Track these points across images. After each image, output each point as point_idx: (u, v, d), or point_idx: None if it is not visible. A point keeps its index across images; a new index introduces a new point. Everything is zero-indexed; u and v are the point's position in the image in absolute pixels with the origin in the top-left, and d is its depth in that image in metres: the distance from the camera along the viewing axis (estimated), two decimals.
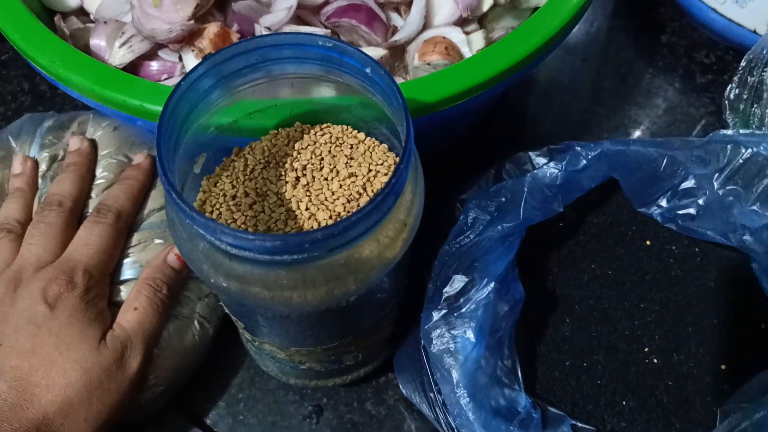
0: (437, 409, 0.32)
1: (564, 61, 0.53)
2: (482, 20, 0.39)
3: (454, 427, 0.29)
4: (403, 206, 0.25)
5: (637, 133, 0.49)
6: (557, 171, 0.31)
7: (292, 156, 0.29)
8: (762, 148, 0.32)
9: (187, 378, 0.36)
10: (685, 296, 0.33)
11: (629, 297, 0.34)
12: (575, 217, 0.36)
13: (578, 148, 0.31)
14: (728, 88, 0.41)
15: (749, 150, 0.32)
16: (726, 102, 0.42)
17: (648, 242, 0.35)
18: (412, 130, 0.23)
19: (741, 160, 0.33)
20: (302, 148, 0.29)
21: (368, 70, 0.25)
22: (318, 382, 0.37)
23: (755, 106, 0.40)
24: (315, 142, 0.29)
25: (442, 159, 0.42)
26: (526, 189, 0.30)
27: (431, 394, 0.32)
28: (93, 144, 0.38)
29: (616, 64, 0.53)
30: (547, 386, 0.32)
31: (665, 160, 0.32)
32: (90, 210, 0.36)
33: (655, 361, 0.32)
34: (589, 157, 0.31)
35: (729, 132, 0.33)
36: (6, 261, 0.33)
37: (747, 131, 0.33)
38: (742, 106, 0.41)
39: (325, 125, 0.30)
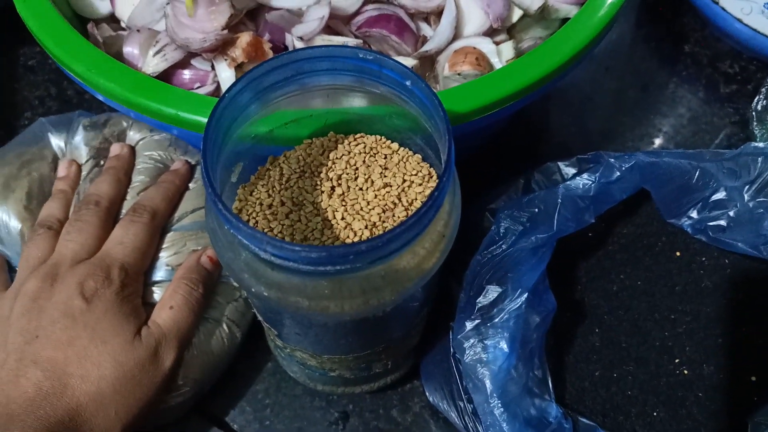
0: (466, 417, 0.32)
1: (586, 71, 0.53)
2: (511, 30, 0.40)
3: None
4: (442, 218, 0.25)
5: (659, 143, 0.49)
6: (591, 182, 0.31)
7: (327, 165, 0.29)
8: None
9: (213, 382, 0.37)
10: (714, 308, 0.33)
11: (659, 308, 0.34)
12: (604, 228, 0.36)
13: (612, 160, 0.31)
14: (756, 100, 0.41)
15: None
16: (753, 114, 0.41)
17: (678, 253, 0.35)
18: (453, 143, 0.23)
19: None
20: (337, 158, 0.29)
21: (408, 83, 0.25)
22: (345, 389, 0.37)
23: None
24: (349, 152, 0.29)
25: (465, 168, 0.43)
26: (559, 200, 0.30)
27: (461, 403, 0.32)
28: (132, 150, 0.39)
29: (638, 73, 0.53)
30: (577, 397, 0.32)
31: (697, 172, 0.32)
32: (125, 211, 0.36)
33: (685, 372, 0.32)
34: (623, 168, 0.31)
35: (761, 144, 0.33)
36: (44, 257, 0.34)
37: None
38: (765, 116, 0.41)
39: (359, 135, 0.30)
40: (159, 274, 0.36)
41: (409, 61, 0.37)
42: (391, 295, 0.25)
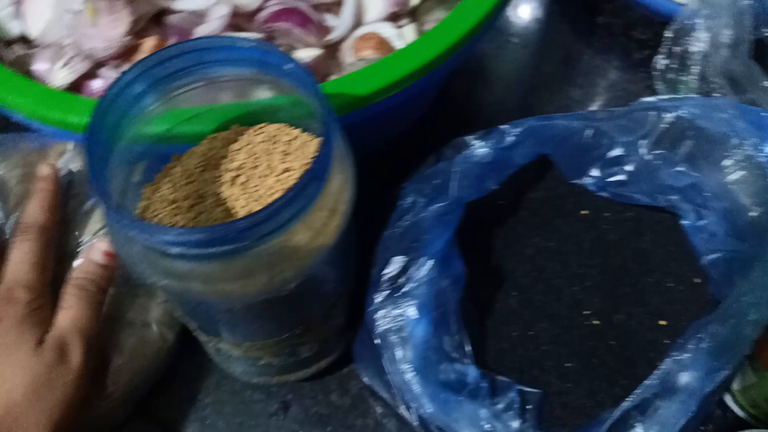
0: (393, 390, 0.33)
1: (505, 49, 0.55)
2: (414, 13, 0.41)
3: (406, 403, 0.31)
4: (332, 193, 0.26)
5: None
6: (486, 149, 0.32)
7: (228, 158, 0.30)
8: (682, 111, 0.34)
9: (149, 385, 0.37)
10: (621, 259, 0.35)
11: (570, 265, 0.35)
12: (514, 195, 0.37)
13: (504, 127, 0.32)
14: (656, 59, 0.43)
15: (671, 114, 0.34)
16: (655, 73, 0.43)
17: (585, 212, 0.36)
18: (334, 120, 0.24)
19: (664, 125, 0.34)
20: (238, 150, 0.30)
21: (288, 67, 0.26)
22: (280, 378, 0.38)
23: (682, 74, 0.42)
24: (250, 143, 0.30)
25: (391, 151, 0.44)
26: (457, 169, 0.31)
27: (386, 377, 0.33)
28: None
29: (555, 47, 0.55)
30: (496, 357, 0.33)
31: (591, 132, 0.34)
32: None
33: (596, 323, 0.33)
34: (515, 134, 0.32)
35: (650, 99, 0.34)
36: None
37: (667, 96, 0.34)
38: (671, 76, 0.43)
39: (261, 125, 0.31)
40: None
41: (315, 51, 0.38)
42: (291, 272, 0.26)
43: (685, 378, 0.29)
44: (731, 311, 0.27)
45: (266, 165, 0.29)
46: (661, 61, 0.43)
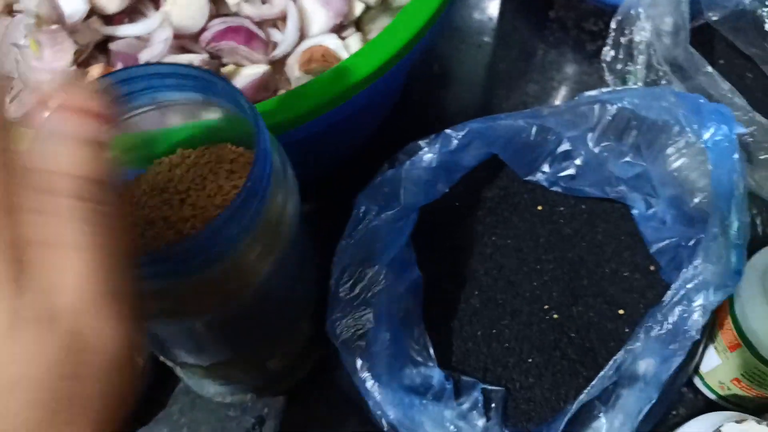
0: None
1: (459, 50, 0.55)
2: (359, 23, 0.41)
3: (372, 410, 0.31)
4: (275, 208, 0.26)
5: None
6: (432, 154, 0.32)
7: (175, 181, 0.30)
8: (625, 102, 0.34)
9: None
10: (577, 252, 0.35)
11: (528, 261, 0.36)
12: (469, 196, 0.37)
13: (448, 131, 0.33)
14: (604, 51, 0.44)
15: (614, 106, 0.34)
16: (604, 64, 0.44)
17: (539, 207, 0.37)
18: (264, 136, 0.25)
19: (608, 117, 0.35)
20: (185, 172, 0.30)
21: (218, 86, 0.27)
22: (254, 395, 0.38)
23: (629, 65, 0.42)
24: (196, 164, 0.30)
25: (356, 158, 0.44)
26: (403, 176, 0.32)
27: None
28: None
29: (511, 44, 0.55)
30: (461, 358, 0.34)
31: (536, 129, 0.34)
32: None
33: (555, 316, 0.34)
34: (459, 137, 0.32)
35: (593, 92, 0.35)
36: None
37: (609, 89, 0.35)
38: (619, 67, 0.43)
39: (205, 146, 0.31)
40: None
41: (261, 68, 0.38)
42: (242, 288, 0.26)
43: (642, 366, 0.29)
44: (678, 298, 0.27)
45: (213, 185, 0.29)
46: (608, 53, 0.43)
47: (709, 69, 0.38)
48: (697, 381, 0.38)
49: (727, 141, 0.28)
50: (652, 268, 0.34)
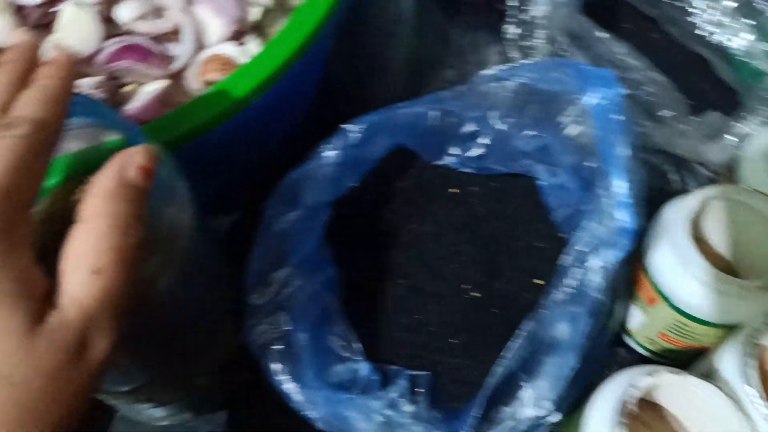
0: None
1: (377, 41, 0.55)
2: (260, 27, 0.41)
3: (302, 411, 0.31)
4: (163, 226, 0.26)
5: None
6: (334, 151, 0.32)
7: (72, 210, 0.30)
8: (521, 77, 0.35)
9: None
10: (492, 229, 0.36)
11: (446, 245, 0.36)
12: (382, 187, 0.38)
13: (346, 126, 0.33)
14: (506, 28, 0.44)
15: (512, 82, 0.35)
16: (508, 42, 0.44)
17: (453, 190, 0.37)
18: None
19: (508, 93, 0.35)
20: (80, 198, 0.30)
21: (96, 109, 0.26)
22: (192, 414, 0.37)
23: (531, 40, 0.43)
24: None
25: (275, 168, 0.44)
26: (306, 176, 0.32)
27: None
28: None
29: (425, 32, 0.55)
30: (389, 348, 0.34)
31: (437, 113, 0.34)
32: None
33: (476, 295, 0.34)
34: (358, 131, 0.33)
35: (490, 71, 0.35)
36: None
37: (505, 66, 0.35)
38: (522, 43, 0.44)
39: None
40: None
41: (160, 83, 0.37)
42: (136, 308, 0.26)
43: (557, 332, 0.30)
44: (572, 260, 0.28)
45: None
46: (511, 30, 0.44)
47: (603, 35, 0.39)
48: (628, 340, 0.39)
49: (610, 103, 0.28)
50: (561, 235, 0.35)
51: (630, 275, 0.36)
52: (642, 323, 0.37)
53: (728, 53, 0.44)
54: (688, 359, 0.37)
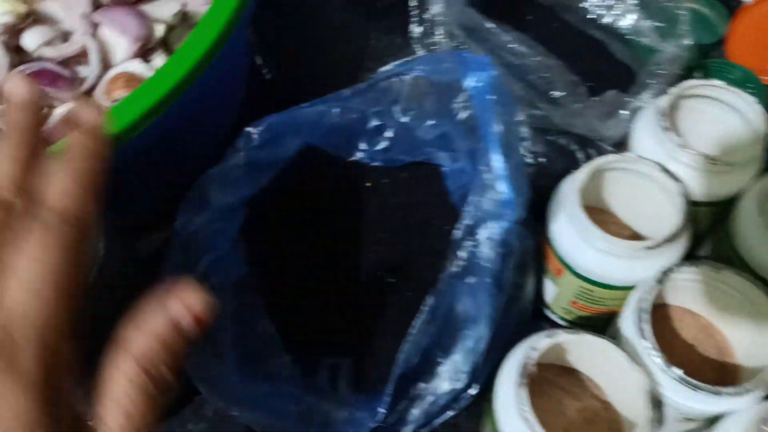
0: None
1: (295, 48, 0.56)
2: (167, 44, 0.42)
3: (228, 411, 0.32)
4: None
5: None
6: (238, 153, 0.34)
7: None
8: (417, 71, 0.37)
9: None
10: (404, 217, 0.37)
11: (363, 235, 0.37)
12: (298, 185, 0.39)
13: (248, 129, 0.34)
14: (411, 27, 0.46)
15: (409, 76, 0.37)
16: (414, 42, 0.46)
17: (368, 183, 0.39)
18: None
19: (407, 87, 0.37)
20: None
21: None
22: None
23: (433, 37, 0.45)
24: None
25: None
26: (211, 180, 0.33)
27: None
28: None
29: (344, 37, 0.56)
30: (310, 338, 0.35)
31: (338, 110, 0.36)
32: None
33: (392, 281, 0.36)
34: (258, 133, 0.34)
35: (387, 67, 0.37)
36: None
37: (401, 61, 0.37)
38: (427, 41, 0.46)
39: None
40: None
41: (70, 105, 0.38)
42: None
43: (461, 305, 0.31)
44: (462, 234, 0.29)
45: None
46: (415, 30, 0.46)
47: (491, 26, 0.41)
48: (548, 312, 0.40)
49: (485, 85, 0.30)
50: None
51: (538, 249, 0.38)
52: (555, 294, 0.39)
53: (620, 33, 0.47)
54: (603, 324, 0.39)
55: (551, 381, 0.35)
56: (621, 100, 0.42)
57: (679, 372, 0.29)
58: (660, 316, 0.36)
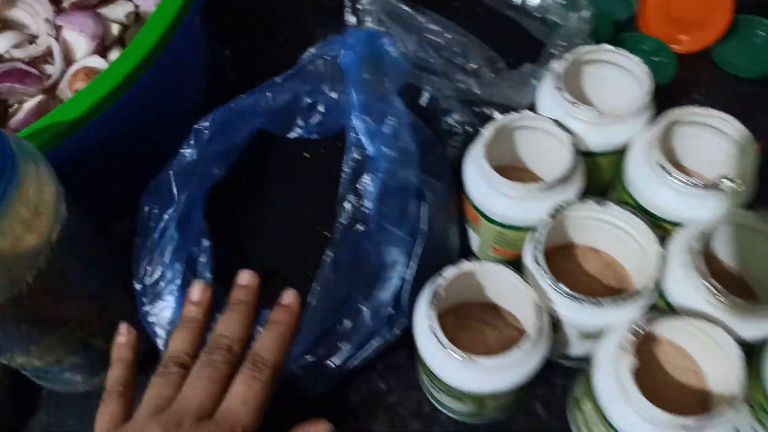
0: None
1: (245, 46, 0.61)
2: (124, 42, 0.47)
3: None
4: (27, 201, 0.31)
5: None
6: (191, 149, 0.39)
7: None
8: (338, 51, 0.42)
9: None
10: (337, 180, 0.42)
11: (304, 199, 0.42)
12: (252, 168, 0.44)
13: (196, 126, 0.39)
14: (346, 17, 0.51)
15: (330, 56, 0.42)
16: (348, 27, 0.51)
17: (306, 154, 0.44)
18: None
19: (330, 66, 0.42)
20: None
21: None
22: (101, 378, 0.42)
23: (364, 26, 0.50)
24: None
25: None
26: (171, 172, 0.38)
27: None
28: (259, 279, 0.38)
29: (294, 31, 0.61)
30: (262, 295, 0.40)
31: (270, 95, 0.41)
32: None
33: (327, 234, 0.40)
34: (206, 126, 0.39)
35: (312, 49, 0.42)
36: (169, 397, 0.32)
37: (320, 43, 0.42)
38: (359, 29, 0.51)
39: None
40: None
41: (37, 98, 0.43)
42: (15, 271, 0.31)
43: (373, 253, 0.36)
44: (347, 186, 0.35)
45: None
46: (349, 19, 0.51)
47: (415, 12, 0.46)
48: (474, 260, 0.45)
49: (357, 54, 0.36)
50: None
51: (457, 202, 0.43)
52: (478, 242, 0.44)
53: (532, 13, 0.52)
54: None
55: (476, 316, 0.40)
56: (532, 71, 0.47)
57: (565, 288, 0.34)
58: (567, 254, 0.41)
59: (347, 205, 0.35)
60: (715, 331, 0.32)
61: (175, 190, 0.38)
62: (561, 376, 0.42)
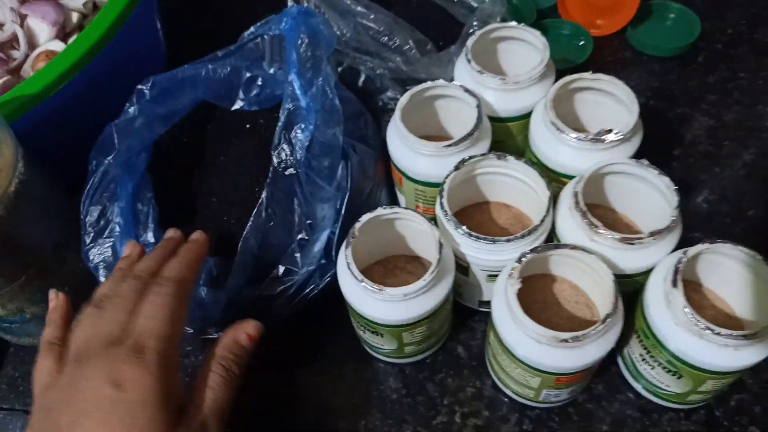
0: None
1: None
2: (82, 28, 0.52)
3: None
4: None
5: None
6: (134, 107, 0.44)
7: None
8: (275, 30, 0.46)
9: None
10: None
11: (244, 165, 0.47)
12: (195, 132, 0.49)
13: (139, 86, 0.44)
14: (288, 3, 0.56)
15: (269, 35, 0.47)
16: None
17: (247, 125, 0.48)
18: None
19: (268, 44, 0.47)
20: None
21: None
22: None
23: None
24: None
25: None
26: (114, 129, 0.43)
27: None
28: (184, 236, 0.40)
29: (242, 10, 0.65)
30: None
31: (210, 68, 0.46)
32: None
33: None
34: (149, 88, 0.44)
35: (251, 29, 0.47)
36: (86, 338, 0.32)
37: (259, 23, 0.47)
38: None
39: None
40: None
41: (3, 79, 0.48)
42: None
43: (321, 213, 0.41)
44: (280, 141, 0.40)
45: None
46: (290, 3, 0.56)
47: (351, 1, 0.51)
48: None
49: (293, 26, 0.41)
50: None
51: (383, 166, 0.47)
52: (405, 202, 0.48)
53: (458, 0, 0.57)
54: None
55: (401, 267, 0.44)
56: (455, 51, 0.53)
57: (465, 228, 0.39)
58: (482, 210, 0.46)
59: (281, 151, 0.39)
60: (590, 259, 0.37)
61: (116, 141, 0.43)
62: (482, 323, 0.46)
